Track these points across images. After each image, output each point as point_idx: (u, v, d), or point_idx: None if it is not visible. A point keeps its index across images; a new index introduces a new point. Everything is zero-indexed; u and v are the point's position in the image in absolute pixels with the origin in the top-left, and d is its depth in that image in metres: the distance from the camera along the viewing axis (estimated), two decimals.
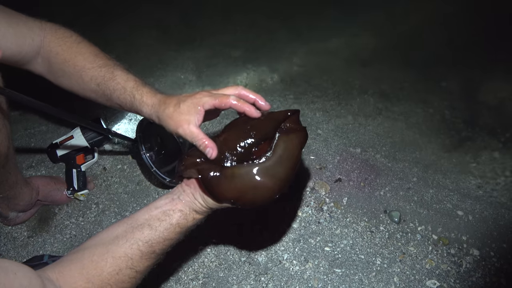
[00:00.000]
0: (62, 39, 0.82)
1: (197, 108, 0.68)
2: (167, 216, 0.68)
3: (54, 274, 0.60)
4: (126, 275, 0.65)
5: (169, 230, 0.68)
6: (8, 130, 0.96)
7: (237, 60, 1.93)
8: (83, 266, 0.62)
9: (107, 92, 0.79)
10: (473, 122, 1.66)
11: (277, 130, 0.68)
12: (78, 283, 0.61)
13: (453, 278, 1.14)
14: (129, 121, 1.58)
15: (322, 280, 1.13)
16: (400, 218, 1.27)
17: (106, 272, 0.63)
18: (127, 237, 0.66)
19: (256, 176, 0.62)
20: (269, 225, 1.24)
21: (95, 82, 0.79)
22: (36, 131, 1.53)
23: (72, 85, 0.84)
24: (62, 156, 1.35)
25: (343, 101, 1.73)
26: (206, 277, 1.13)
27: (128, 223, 0.68)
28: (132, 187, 1.35)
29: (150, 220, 0.68)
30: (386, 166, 1.44)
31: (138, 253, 0.65)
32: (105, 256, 0.63)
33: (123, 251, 0.64)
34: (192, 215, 0.70)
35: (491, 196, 1.36)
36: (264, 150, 0.66)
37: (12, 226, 1.24)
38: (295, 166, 0.66)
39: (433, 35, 2.10)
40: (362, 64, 1.94)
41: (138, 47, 1.97)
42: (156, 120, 0.75)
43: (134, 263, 0.65)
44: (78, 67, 0.80)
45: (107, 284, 0.63)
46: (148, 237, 0.66)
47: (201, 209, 0.69)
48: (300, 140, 0.68)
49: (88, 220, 1.26)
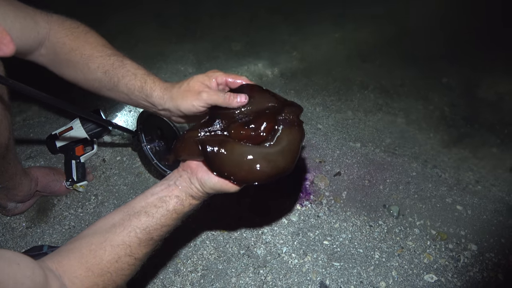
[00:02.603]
0: (69, 30, 0.82)
1: (211, 80, 0.73)
2: (163, 203, 0.68)
3: (54, 264, 0.60)
4: (125, 263, 0.65)
5: (166, 217, 0.68)
6: (9, 121, 0.96)
7: (238, 53, 1.92)
8: (82, 255, 0.62)
9: (115, 79, 0.79)
10: (472, 119, 1.66)
11: (278, 117, 0.70)
12: (78, 272, 0.61)
13: (451, 273, 1.15)
14: (129, 113, 1.57)
15: (320, 273, 1.13)
16: (399, 213, 1.27)
17: (105, 260, 0.63)
18: (124, 225, 0.66)
19: (256, 158, 0.64)
20: (269, 218, 1.24)
21: (102, 69, 0.80)
22: (35, 122, 1.52)
23: (76, 74, 0.84)
24: (61, 147, 1.34)
25: (343, 96, 1.73)
26: (205, 269, 1.13)
27: (125, 211, 0.68)
28: (132, 179, 1.35)
29: (147, 207, 0.68)
30: (386, 161, 1.44)
31: (136, 240, 0.65)
32: (103, 245, 0.63)
33: (121, 239, 0.65)
34: (189, 200, 0.70)
35: (490, 191, 1.37)
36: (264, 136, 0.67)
37: (11, 217, 1.24)
38: (294, 159, 0.68)
39: (434, 31, 2.09)
40: (362, 59, 1.94)
41: (138, 39, 1.96)
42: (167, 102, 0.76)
43: (132, 250, 0.65)
44: (86, 56, 0.80)
45: (106, 272, 0.63)
46: (145, 224, 0.66)
47: (197, 193, 0.70)
48: (301, 136, 0.70)
49: (87, 212, 1.26)
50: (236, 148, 0.65)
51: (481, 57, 1.95)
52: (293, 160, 0.68)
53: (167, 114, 0.80)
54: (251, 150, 0.65)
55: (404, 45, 2.03)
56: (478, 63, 1.92)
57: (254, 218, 1.24)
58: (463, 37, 2.05)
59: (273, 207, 1.27)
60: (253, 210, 1.26)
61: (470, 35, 2.06)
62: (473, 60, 1.92)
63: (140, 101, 0.80)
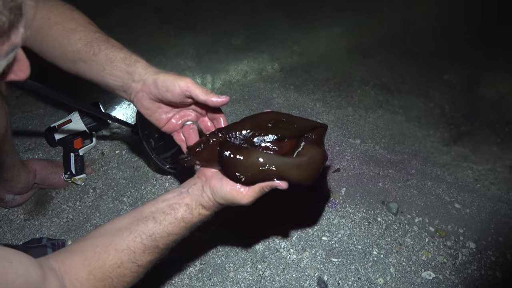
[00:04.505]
0: (54, 6, 0.76)
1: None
2: (172, 210, 0.66)
3: (57, 263, 0.59)
4: (128, 269, 0.63)
5: (174, 225, 0.66)
6: (6, 112, 0.95)
7: (238, 48, 1.91)
8: (85, 257, 0.61)
9: (95, 49, 0.72)
10: (473, 117, 1.66)
11: (302, 137, 0.68)
12: (80, 275, 0.59)
13: (449, 270, 1.15)
14: (128, 106, 1.56)
15: (318, 269, 1.13)
16: (397, 210, 1.27)
17: (108, 264, 0.61)
18: (131, 229, 0.64)
19: (269, 163, 0.62)
20: (267, 214, 1.24)
21: (84, 41, 0.73)
22: (34, 114, 1.51)
23: (54, 50, 0.77)
24: (60, 139, 1.34)
25: (343, 92, 1.72)
26: (203, 264, 1.13)
27: (134, 216, 0.66)
28: (130, 173, 1.34)
29: (155, 213, 0.66)
30: (385, 158, 1.44)
31: (141, 246, 0.64)
32: (108, 248, 0.62)
33: (126, 244, 0.63)
34: (198, 209, 0.68)
35: (489, 189, 1.37)
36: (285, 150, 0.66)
37: (8, 209, 1.23)
38: (312, 177, 0.65)
39: (436, 28, 2.08)
40: (363, 55, 1.93)
41: (138, 32, 1.95)
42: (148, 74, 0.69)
43: (136, 257, 0.63)
44: (68, 29, 0.74)
45: (108, 277, 0.61)
46: (152, 231, 0.64)
47: (208, 203, 0.68)
48: (324, 157, 0.67)
49: (85, 205, 1.26)
50: (254, 153, 0.63)
51: (482, 55, 1.94)
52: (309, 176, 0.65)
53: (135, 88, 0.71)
54: (267, 156, 0.63)
55: (405, 41, 2.02)
56: (479, 61, 1.91)
57: (252, 214, 1.24)
58: (464, 34, 2.04)
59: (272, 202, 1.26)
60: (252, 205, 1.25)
61: (472, 33, 2.05)
62: (474, 58, 1.92)
63: (115, 71, 0.71)
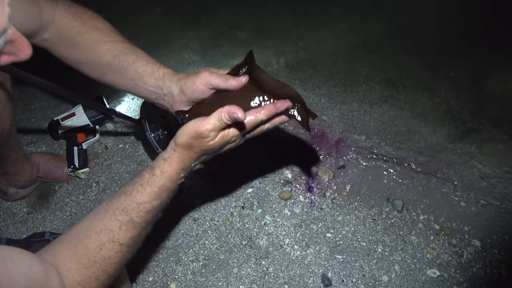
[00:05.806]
0: (77, 15, 0.80)
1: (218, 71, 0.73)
2: (138, 178, 0.66)
3: (50, 257, 0.58)
4: (110, 250, 0.62)
5: (141, 192, 0.64)
6: (11, 108, 0.95)
7: (243, 42, 1.89)
8: (71, 246, 0.60)
9: (124, 64, 0.77)
10: (479, 113, 1.64)
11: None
12: (69, 265, 0.58)
13: (454, 268, 1.14)
14: (131, 100, 1.55)
15: (323, 265, 1.13)
16: (402, 207, 1.26)
17: (91, 249, 0.60)
18: (107, 209, 0.64)
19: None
20: (271, 210, 1.23)
21: (111, 54, 0.77)
22: (37, 107, 1.50)
23: (81, 58, 0.81)
24: (63, 133, 1.33)
25: (348, 87, 1.71)
26: (206, 259, 1.13)
27: (111, 196, 0.66)
28: (134, 167, 1.34)
29: (127, 187, 0.66)
30: (391, 154, 1.42)
31: (116, 223, 0.63)
32: (88, 233, 0.61)
33: (104, 224, 0.62)
34: (160, 168, 0.66)
35: (495, 188, 1.36)
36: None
37: (12, 202, 1.23)
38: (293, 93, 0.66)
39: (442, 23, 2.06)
40: (369, 50, 1.91)
41: (143, 25, 1.93)
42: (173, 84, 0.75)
43: (115, 236, 0.62)
44: (95, 39, 0.78)
45: (94, 262, 0.60)
46: (123, 204, 0.64)
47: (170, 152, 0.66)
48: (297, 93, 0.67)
49: (88, 199, 1.25)
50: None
51: (489, 51, 1.91)
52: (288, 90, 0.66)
53: (169, 100, 0.78)
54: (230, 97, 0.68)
55: (411, 36, 2.00)
56: (486, 57, 1.88)
57: (256, 209, 1.23)
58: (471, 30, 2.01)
59: (276, 198, 1.26)
60: (256, 200, 1.25)
61: (479, 28, 2.02)
62: (481, 54, 1.89)
63: (146, 86, 0.77)
